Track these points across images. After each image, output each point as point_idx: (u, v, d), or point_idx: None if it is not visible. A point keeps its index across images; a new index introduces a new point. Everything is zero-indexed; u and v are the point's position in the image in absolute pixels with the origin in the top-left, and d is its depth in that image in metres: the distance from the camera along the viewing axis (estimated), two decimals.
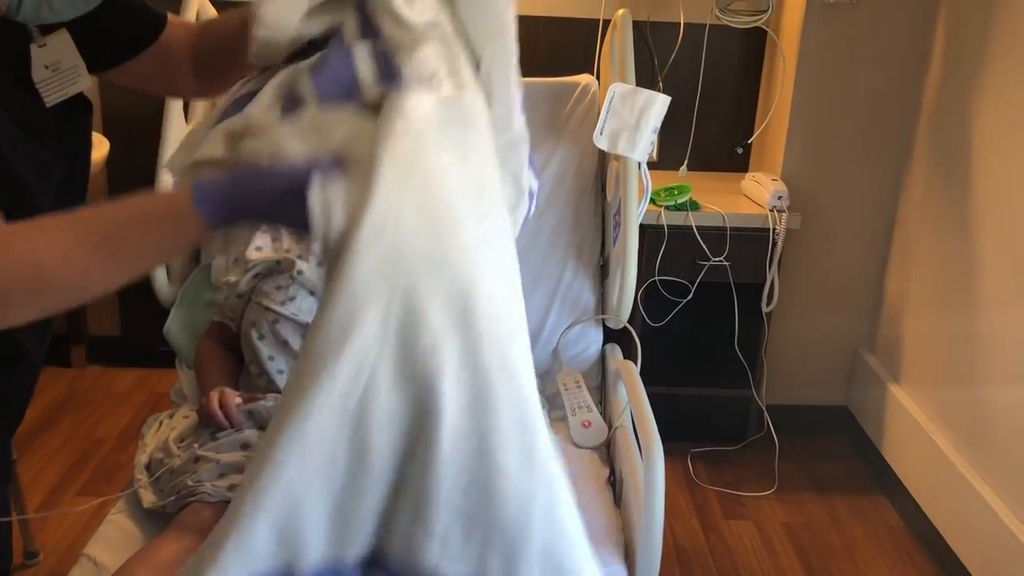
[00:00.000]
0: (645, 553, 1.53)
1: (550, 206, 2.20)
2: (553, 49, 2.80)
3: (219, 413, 1.59)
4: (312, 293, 1.79)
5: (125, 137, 2.75)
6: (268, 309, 1.76)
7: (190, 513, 1.46)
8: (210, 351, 1.82)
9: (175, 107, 2.05)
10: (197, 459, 1.56)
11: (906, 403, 2.59)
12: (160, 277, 2.05)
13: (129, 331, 3.14)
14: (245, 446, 1.59)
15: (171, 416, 1.80)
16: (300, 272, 1.79)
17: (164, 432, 1.72)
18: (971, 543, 2.24)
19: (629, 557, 1.59)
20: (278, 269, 1.83)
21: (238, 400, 1.62)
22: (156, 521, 1.57)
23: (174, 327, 2.04)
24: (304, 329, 1.74)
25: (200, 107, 2.14)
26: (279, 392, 1.71)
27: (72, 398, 3.10)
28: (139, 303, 3.15)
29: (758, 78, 2.87)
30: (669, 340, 2.66)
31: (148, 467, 1.64)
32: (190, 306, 2.07)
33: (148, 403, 3.02)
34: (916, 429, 2.51)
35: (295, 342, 1.73)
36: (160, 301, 2.09)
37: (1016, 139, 2.14)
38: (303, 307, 1.76)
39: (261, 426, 1.65)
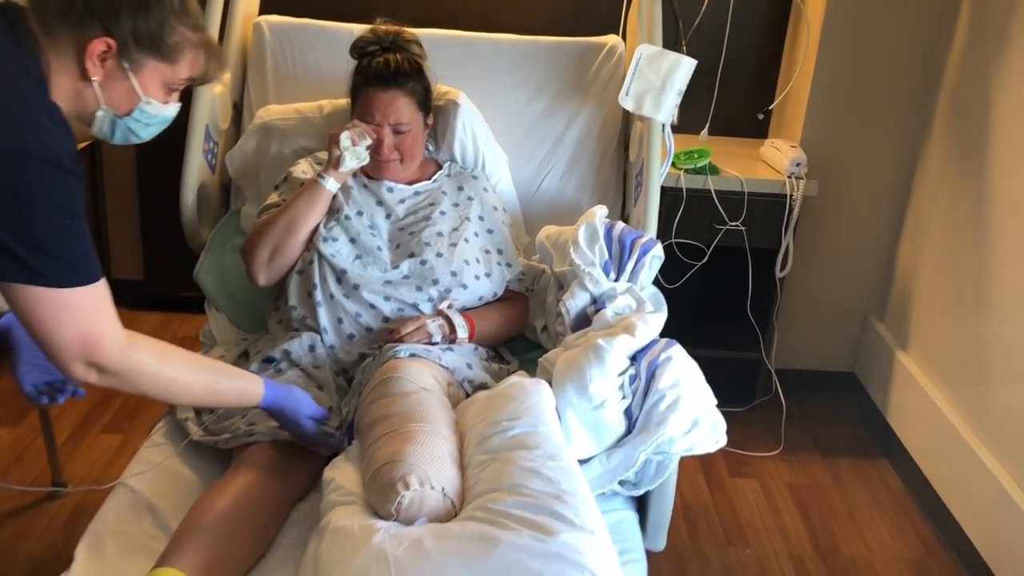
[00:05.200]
0: (657, 502, 1.59)
1: (575, 165, 2.24)
2: (579, 9, 2.81)
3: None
4: (352, 240, 1.84)
5: None
6: (312, 241, 1.83)
7: (257, 451, 1.55)
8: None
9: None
10: None
11: (912, 371, 2.65)
12: (190, 222, 2.10)
13: (152, 276, 3.20)
14: None
15: None
16: (348, 217, 1.85)
17: None
18: (970, 507, 2.30)
19: (641, 505, 1.66)
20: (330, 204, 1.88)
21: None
22: (192, 454, 1.64)
23: (203, 271, 2.09)
24: (337, 273, 1.80)
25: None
26: (312, 330, 1.78)
27: None
28: (162, 249, 3.21)
29: (781, 45, 2.88)
30: (683, 302, 2.69)
31: None
32: (218, 251, 2.12)
33: None
34: (921, 396, 2.57)
35: (330, 281, 1.80)
36: (189, 244, 2.15)
37: None
38: (342, 251, 1.82)
39: (297, 364, 1.71)
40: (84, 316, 1.23)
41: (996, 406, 2.25)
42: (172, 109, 1.41)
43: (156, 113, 1.38)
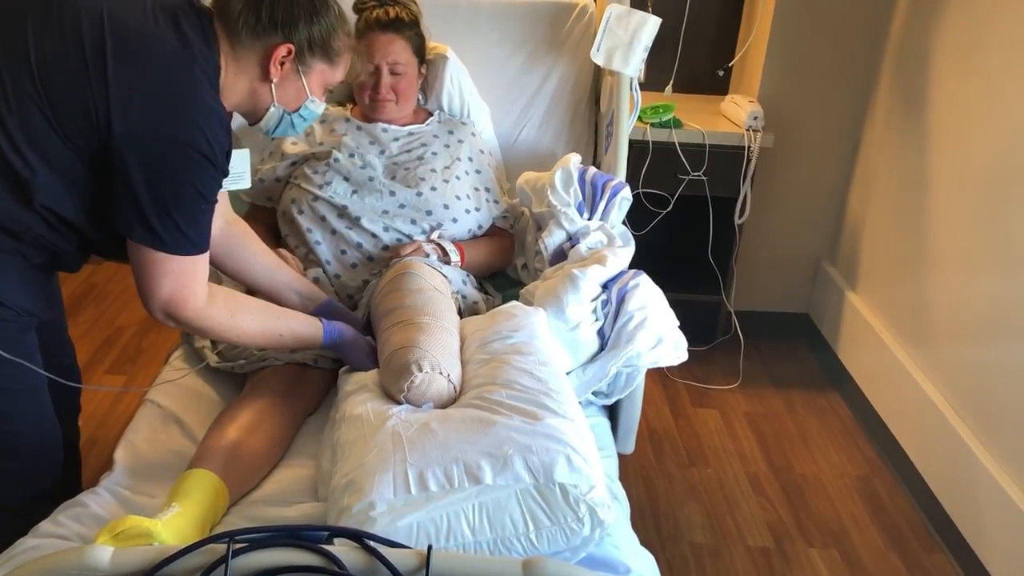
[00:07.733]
0: (627, 409, 1.80)
1: (550, 118, 2.43)
2: None
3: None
4: (346, 179, 2.02)
5: None
6: (307, 190, 2.00)
7: (271, 373, 1.73)
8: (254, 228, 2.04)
9: None
10: None
11: (861, 309, 2.88)
12: None
13: None
14: None
15: None
16: (336, 160, 2.02)
17: None
18: (909, 427, 2.55)
19: (612, 414, 1.87)
20: (314, 158, 2.06)
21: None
22: (211, 378, 1.82)
23: None
24: (339, 209, 1.98)
25: None
26: (317, 265, 1.95)
27: (91, 291, 3.32)
28: None
29: (740, 6, 3.07)
30: (649, 248, 2.89)
31: None
32: None
33: None
34: (868, 331, 2.80)
35: (331, 218, 1.97)
36: None
37: (968, 71, 2.37)
38: (339, 191, 1.99)
39: None
40: (181, 280, 1.44)
41: (936, 339, 2.48)
42: (322, 107, 1.63)
43: (315, 110, 1.60)
